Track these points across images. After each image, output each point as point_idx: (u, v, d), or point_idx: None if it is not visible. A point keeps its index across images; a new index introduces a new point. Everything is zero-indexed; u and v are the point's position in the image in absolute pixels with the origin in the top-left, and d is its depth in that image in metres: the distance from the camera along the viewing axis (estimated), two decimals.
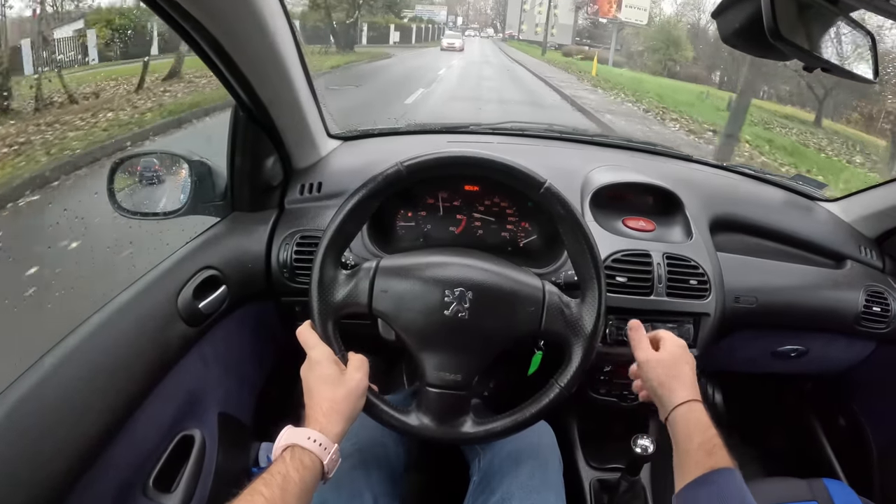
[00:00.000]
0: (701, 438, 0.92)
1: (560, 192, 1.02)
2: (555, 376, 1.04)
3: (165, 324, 1.11)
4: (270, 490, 0.77)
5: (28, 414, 0.84)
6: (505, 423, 1.04)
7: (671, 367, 1.03)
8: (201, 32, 0.99)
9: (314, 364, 0.95)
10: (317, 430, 0.87)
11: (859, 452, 1.74)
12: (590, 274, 1.03)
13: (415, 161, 1.00)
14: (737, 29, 0.87)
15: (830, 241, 1.67)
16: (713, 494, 0.85)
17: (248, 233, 1.37)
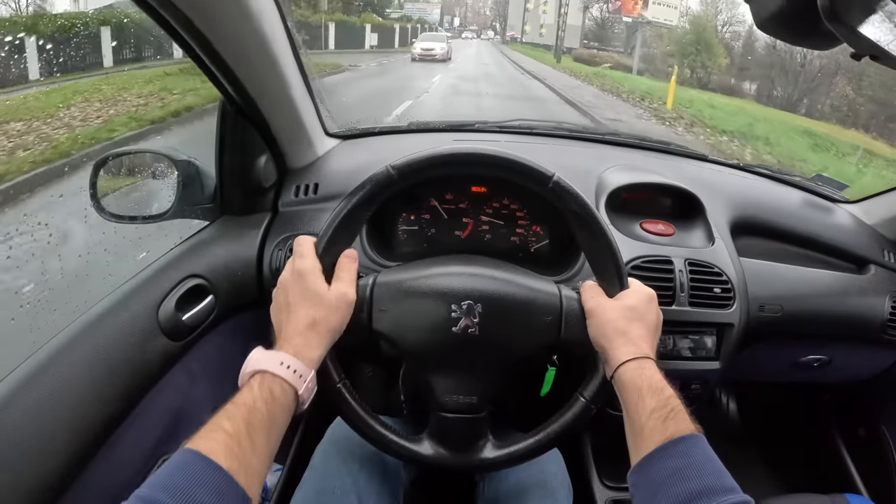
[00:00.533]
0: (654, 402, 0.79)
1: (571, 186, 0.92)
2: (579, 389, 0.95)
3: (144, 339, 1.03)
4: (233, 424, 0.69)
5: None
6: (528, 444, 0.94)
7: (620, 318, 0.89)
8: (173, 12, 0.91)
9: (299, 275, 0.86)
10: (290, 353, 0.79)
11: (881, 465, 1.69)
12: (610, 273, 0.94)
13: (405, 161, 0.91)
14: (774, 12, 0.79)
15: (853, 244, 1.60)
16: (673, 469, 0.72)
17: (238, 238, 1.29)
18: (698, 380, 1.32)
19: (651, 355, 0.86)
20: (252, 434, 0.69)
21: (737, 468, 1.71)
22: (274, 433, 0.74)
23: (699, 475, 0.70)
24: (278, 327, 0.85)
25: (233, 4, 0.97)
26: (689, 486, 0.69)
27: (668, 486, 0.71)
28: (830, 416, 1.92)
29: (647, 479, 0.74)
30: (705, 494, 0.68)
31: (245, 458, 0.67)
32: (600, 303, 0.91)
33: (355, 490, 1.03)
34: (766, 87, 19.58)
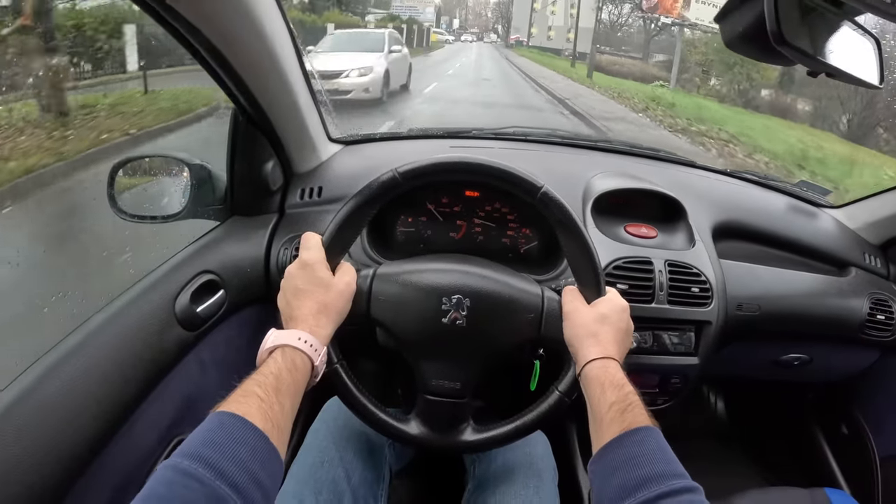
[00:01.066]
0: (614, 397, 0.86)
1: (557, 197, 1.00)
2: (555, 383, 1.02)
3: (162, 328, 1.10)
4: (264, 390, 0.75)
5: (24, 416, 0.83)
6: (506, 430, 1.02)
7: (592, 322, 0.97)
8: (197, 37, 0.99)
9: (306, 265, 0.94)
10: (306, 330, 0.87)
11: (861, 461, 1.73)
12: (590, 280, 1.01)
13: (410, 167, 0.99)
14: (740, 33, 0.86)
15: (834, 248, 1.66)
16: (627, 457, 0.78)
17: (247, 237, 1.36)
18: (678, 374, 1.38)
19: (616, 357, 0.93)
20: (281, 399, 0.76)
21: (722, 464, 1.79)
22: (297, 399, 0.81)
23: (650, 462, 0.76)
24: (288, 312, 0.92)
25: (251, 29, 1.05)
26: (640, 472, 0.75)
27: (621, 472, 0.77)
28: (813, 413, 1.96)
29: (603, 466, 0.81)
30: (654, 479, 0.73)
31: (276, 420, 0.73)
32: (577, 307, 1.00)
33: (342, 464, 1.11)
34: (828, 109, 14.45)
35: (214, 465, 0.64)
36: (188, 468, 0.63)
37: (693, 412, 2.28)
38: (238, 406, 0.72)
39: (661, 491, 0.72)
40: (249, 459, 0.67)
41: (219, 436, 0.68)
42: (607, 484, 0.78)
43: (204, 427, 0.70)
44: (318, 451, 1.13)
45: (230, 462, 0.65)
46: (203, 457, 0.64)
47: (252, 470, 0.66)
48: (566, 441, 1.57)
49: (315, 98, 1.42)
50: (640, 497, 0.72)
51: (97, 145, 4.59)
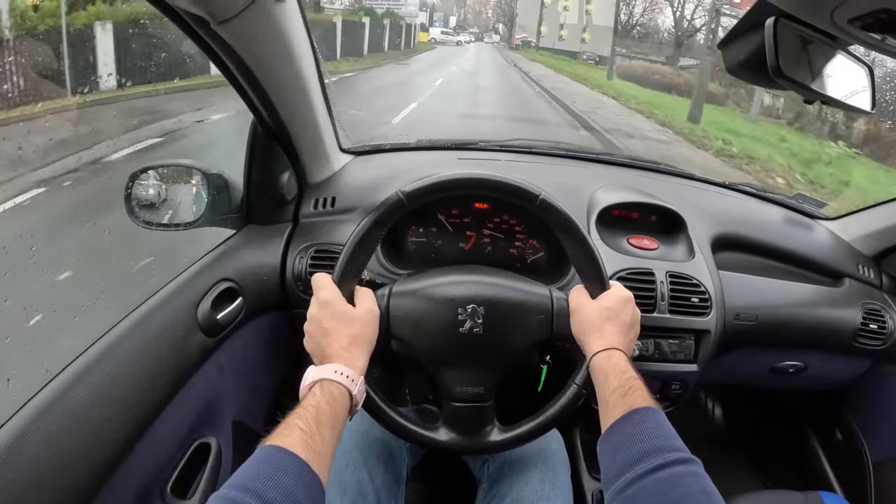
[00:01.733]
0: (617, 382, 0.91)
1: (556, 203, 1.05)
2: (572, 377, 1.08)
3: (185, 334, 1.14)
4: (306, 423, 0.80)
5: (55, 421, 0.86)
6: (530, 427, 1.08)
7: (597, 317, 1.03)
8: (233, 57, 1.03)
9: (326, 304, 0.98)
10: (341, 363, 0.91)
11: (855, 466, 1.76)
12: (593, 276, 1.07)
13: (414, 188, 1.04)
14: (742, 61, 0.91)
15: (829, 259, 1.70)
16: (629, 434, 0.84)
17: (263, 246, 1.40)
18: (678, 380, 1.43)
19: (620, 347, 0.99)
20: (322, 430, 0.81)
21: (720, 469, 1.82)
22: (337, 428, 0.86)
23: (649, 438, 0.82)
24: (320, 352, 0.96)
25: (283, 51, 1.10)
26: (640, 447, 0.81)
27: (624, 448, 0.83)
28: (808, 419, 1.99)
29: (609, 444, 0.86)
30: (652, 453, 0.79)
31: (318, 450, 0.78)
32: (582, 303, 1.06)
33: (366, 467, 1.16)
34: None
35: (261, 494, 0.68)
36: (236, 498, 0.68)
37: (692, 418, 2.32)
38: (282, 439, 0.77)
39: (657, 463, 0.78)
40: (294, 486, 0.72)
41: (264, 468, 0.73)
42: (613, 461, 0.84)
43: (252, 461, 0.75)
44: (343, 455, 1.18)
45: (275, 491, 0.69)
46: (250, 488, 0.69)
47: (296, 496, 0.71)
48: (571, 443, 1.61)
49: (331, 110, 1.46)
50: (639, 469, 0.78)
51: None
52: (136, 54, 6.74)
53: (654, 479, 0.77)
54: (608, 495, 0.82)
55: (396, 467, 1.23)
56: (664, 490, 0.76)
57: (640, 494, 0.77)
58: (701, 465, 0.79)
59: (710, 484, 0.77)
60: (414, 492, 1.31)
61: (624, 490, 0.78)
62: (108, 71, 6.64)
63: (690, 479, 0.77)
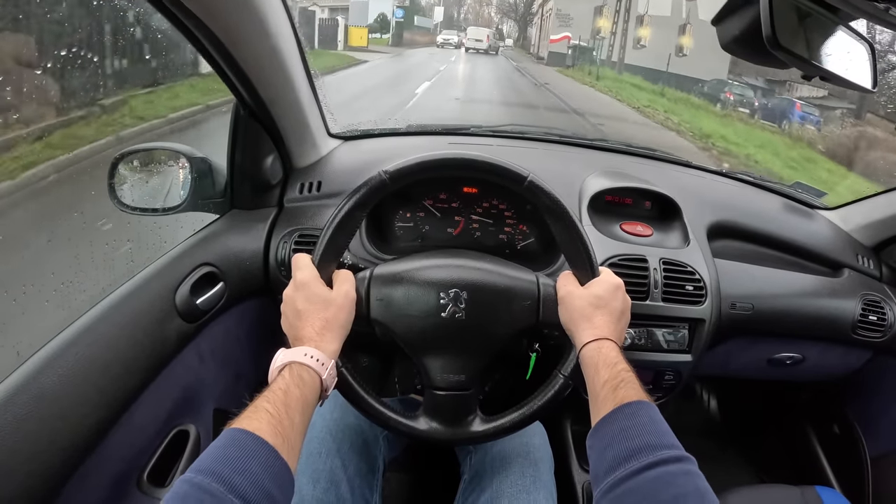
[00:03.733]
0: (607, 375, 0.89)
1: (544, 185, 1.01)
2: (558, 367, 1.04)
3: (162, 319, 1.12)
4: (274, 406, 0.77)
5: (24, 405, 0.84)
6: (513, 417, 1.04)
7: (587, 305, 0.99)
8: (204, 31, 1.00)
9: (302, 285, 0.95)
10: (312, 346, 0.88)
11: (853, 460, 1.75)
12: (582, 261, 1.03)
13: (397, 167, 1.00)
14: (736, 36, 0.87)
15: (828, 249, 1.67)
16: (620, 430, 0.81)
17: (247, 230, 1.38)
18: (671, 370, 1.40)
19: (611, 337, 0.95)
20: (290, 414, 0.78)
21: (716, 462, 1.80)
22: (307, 413, 0.83)
23: (641, 434, 0.79)
24: (293, 334, 0.94)
25: (256, 25, 1.06)
26: (631, 443, 0.78)
27: (614, 444, 0.79)
28: (806, 413, 1.98)
29: (599, 440, 0.83)
30: (644, 450, 0.76)
31: (286, 434, 0.76)
32: (570, 291, 1.01)
33: (339, 455, 1.13)
34: None
35: (226, 479, 0.66)
36: (202, 483, 0.66)
37: (688, 411, 2.30)
38: (249, 422, 0.74)
39: (649, 461, 0.75)
40: (260, 473, 0.69)
41: (231, 451, 0.70)
42: (602, 458, 0.81)
43: (217, 443, 0.72)
44: (316, 442, 1.15)
45: (241, 476, 0.67)
46: (216, 472, 0.67)
47: (263, 483, 0.69)
48: (561, 434, 1.59)
49: (316, 94, 1.43)
50: (631, 467, 0.75)
51: None
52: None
53: (646, 477, 0.74)
54: (597, 493, 0.79)
55: (372, 456, 1.20)
56: (656, 489, 0.73)
57: (631, 494, 0.74)
58: (695, 463, 0.76)
59: (704, 483, 0.74)
60: (394, 482, 1.29)
61: (613, 488, 0.76)
62: None
63: (684, 479, 0.74)
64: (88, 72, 2.62)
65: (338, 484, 1.10)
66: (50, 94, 2.50)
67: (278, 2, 1.11)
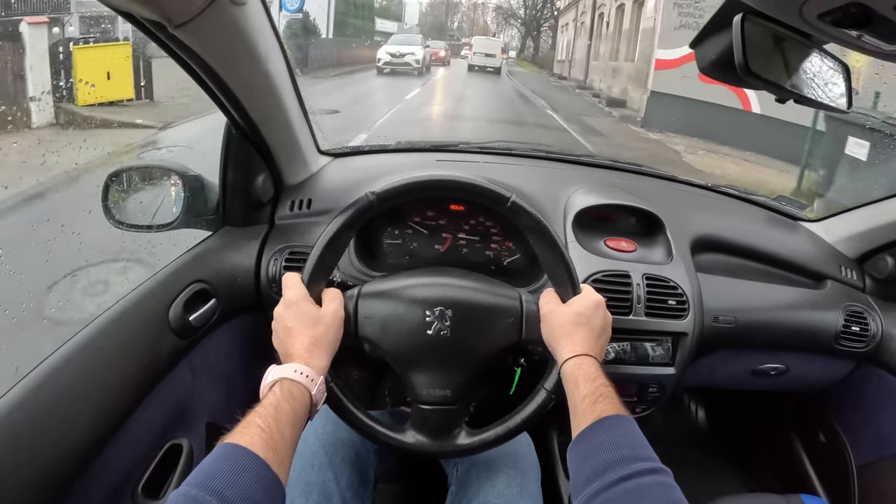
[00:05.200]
0: (587, 389, 0.91)
1: (525, 205, 1.04)
2: (541, 381, 1.07)
3: (156, 335, 1.14)
4: (265, 421, 0.80)
5: (22, 420, 0.86)
6: (497, 431, 1.07)
7: (567, 322, 1.02)
8: (197, 61, 1.02)
9: (291, 304, 0.98)
10: (302, 363, 0.91)
11: (838, 469, 1.76)
12: (563, 279, 1.06)
13: (384, 188, 1.03)
14: (713, 61, 0.90)
15: (811, 261, 1.69)
16: (597, 443, 0.84)
17: (238, 247, 1.40)
18: (655, 383, 1.42)
19: (591, 353, 0.98)
20: (281, 428, 0.81)
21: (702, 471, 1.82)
22: (297, 427, 0.86)
23: (617, 447, 0.81)
24: (283, 351, 0.97)
25: (248, 53, 1.08)
26: (607, 456, 0.80)
27: (591, 457, 0.82)
28: (792, 422, 1.99)
29: (577, 453, 0.86)
30: (619, 462, 0.79)
31: (277, 449, 0.78)
32: (552, 308, 1.04)
33: (332, 468, 1.15)
34: None
35: (220, 493, 0.69)
36: (196, 496, 0.68)
37: (674, 421, 2.32)
38: (241, 437, 0.77)
39: (624, 473, 0.77)
40: (252, 486, 0.72)
41: (223, 466, 0.73)
42: (580, 470, 0.83)
43: (210, 458, 0.75)
44: (308, 456, 1.17)
45: (234, 490, 0.70)
46: (209, 486, 0.69)
47: (255, 496, 0.71)
48: (547, 444, 1.60)
49: (305, 112, 1.45)
50: (606, 480, 0.77)
51: None
52: None
53: (622, 489, 0.76)
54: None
55: (363, 469, 1.22)
56: (631, 501, 0.75)
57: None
58: (671, 476, 0.79)
59: (678, 495, 0.76)
60: (384, 493, 1.30)
61: (590, 501, 0.78)
62: None
63: (658, 491, 0.76)
64: None
65: (330, 497, 1.11)
66: None
67: (268, 27, 1.13)
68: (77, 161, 3.48)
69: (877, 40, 0.67)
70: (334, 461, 1.17)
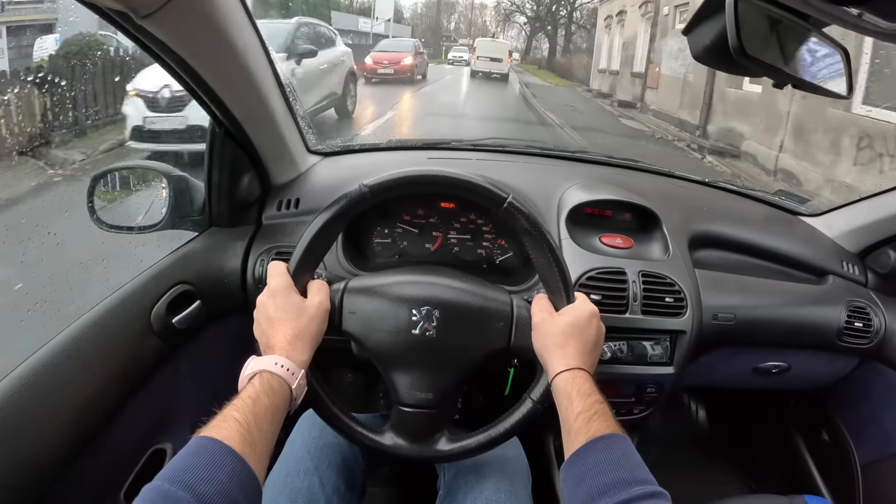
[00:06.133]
0: (581, 406, 0.88)
1: (523, 207, 1.01)
2: (527, 391, 1.03)
3: (138, 338, 1.12)
4: (243, 415, 0.77)
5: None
6: (479, 439, 1.03)
7: (560, 334, 0.98)
8: (170, 54, 0.99)
9: (275, 293, 0.96)
10: (283, 356, 0.88)
11: (842, 468, 1.74)
12: (557, 286, 1.03)
13: (377, 181, 1.00)
14: (707, 46, 0.87)
15: (812, 256, 1.66)
16: (593, 464, 0.81)
17: (224, 248, 1.37)
18: (653, 383, 1.40)
19: (584, 367, 0.95)
20: (259, 423, 0.78)
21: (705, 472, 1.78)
22: (276, 422, 0.83)
23: (614, 469, 0.79)
24: (264, 342, 0.94)
25: (223, 45, 1.05)
26: (604, 479, 0.77)
27: (587, 479, 0.79)
28: (794, 421, 1.97)
29: (572, 474, 0.83)
30: (617, 486, 0.76)
31: (255, 444, 0.76)
32: (544, 318, 1.01)
33: (317, 474, 1.12)
34: None
35: (193, 488, 0.66)
36: (168, 491, 0.66)
37: (675, 421, 2.29)
38: (217, 431, 0.74)
39: (622, 497, 0.74)
40: (227, 482, 0.69)
41: (198, 460, 0.70)
42: (575, 493, 0.80)
43: (185, 452, 0.72)
44: (294, 461, 1.14)
45: (208, 485, 0.67)
46: (183, 481, 0.67)
47: (230, 492, 0.69)
48: (542, 447, 1.57)
49: (292, 110, 1.42)
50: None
51: None
52: None
53: None
54: None
55: (350, 474, 1.19)
56: None
57: None
58: (668, 498, 0.76)
59: None
60: (375, 499, 1.27)
61: None
62: None
63: None
64: None
65: (316, 503, 1.08)
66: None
67: (245, 20, 1.10)
68: None
69: (877, 18, 0.64)
70: (320, 466, 1.14)
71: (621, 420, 1.02)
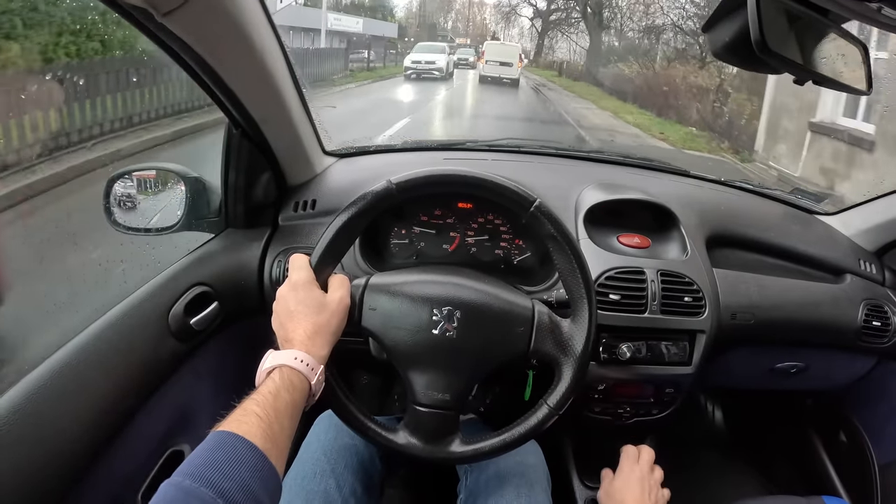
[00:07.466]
0: None
1: (551, 211, 1.00)
2: (544, 396, 1.03)
3: (156, 340, 1.11)
4: (264, 410, 0.76)
5: (19, 425, 0.84)
6: (493, 442, 1.02)
7: (612, 499, 1.12)
8: (189, 53, 0.99)
9: (297, 286, 0.95)
10: (303, 350, 0.87)
11: (860, 469, 1.72)
12: (580, 293, 1.02)
13: (405, 179, 0.99)
14: (727, 43, 0.86)
15: (829, 255, 1.65)
16: None
17: (241, 249, 1.37)
18: (671, 384, 1.39)
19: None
20: (280, 418, 0.77)
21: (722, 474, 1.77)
22: (295, 418, 0.82)
23: None
24: (283, 335, 0.93)
25: (242, 45, 1.05)
26: None
27: None
28: (811, 421, 1.96)
29: None
30: None
31: (275, 438, 0.75)
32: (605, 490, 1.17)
33: (334, 475, 1.11)
34: None
35: (215, 483, 0.65)
36: (189, 487, 0.65)
37: (692, 422, 2.28)
38: (238, 426, 0.73)
39: None
40: (249, 478, 0.68)
41: (219, 455, 0.69)
42: None
43: (205, 446, 0.71)
44: (311, 463, 1.13)
45: (230, 481, 0.66)
46: (204, 476, 0.66)
47: (251, 488, 0.68)
48: (561, 451, 1.56)
49: (308, 112, 1.42)
50: None
51: None
52: None
53: None
54: None
55: (367, 476, 1.18)
56: None
57: None
58: None
59: None
60: (392, 500, 1.27)
61: None
62: None
63: None
64: None
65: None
66: None
67: (264, 20, 1.10)
68: None
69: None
70: (337, 468, 1.13)
71: (640, 421, 1.02)
